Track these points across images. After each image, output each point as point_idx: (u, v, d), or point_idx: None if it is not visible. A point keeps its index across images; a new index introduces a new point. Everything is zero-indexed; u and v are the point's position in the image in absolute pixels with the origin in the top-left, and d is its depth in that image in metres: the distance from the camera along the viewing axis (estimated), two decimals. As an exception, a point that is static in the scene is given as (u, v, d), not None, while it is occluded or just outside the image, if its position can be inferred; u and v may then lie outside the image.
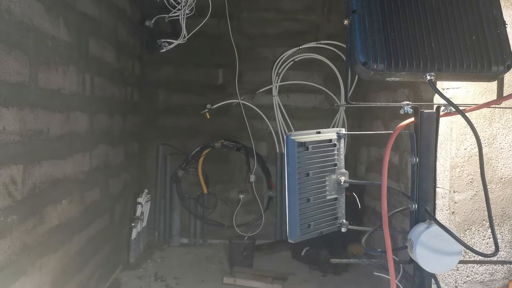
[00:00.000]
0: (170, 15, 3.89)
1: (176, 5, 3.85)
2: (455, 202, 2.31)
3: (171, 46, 3.92)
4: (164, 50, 3.93)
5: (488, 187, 2.30)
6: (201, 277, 3.56)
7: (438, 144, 2.22)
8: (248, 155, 4.41)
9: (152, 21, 4.03)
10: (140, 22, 4.07)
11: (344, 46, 1.32)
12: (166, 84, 4.40)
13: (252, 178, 4.38)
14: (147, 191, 4.08)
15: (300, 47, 4.41)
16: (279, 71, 4.44)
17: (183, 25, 3.86)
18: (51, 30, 2.25)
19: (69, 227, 2.51)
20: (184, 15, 3.86)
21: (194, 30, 3.95)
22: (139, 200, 3.91)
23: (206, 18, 4.02)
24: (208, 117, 4.33)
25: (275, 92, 4.42)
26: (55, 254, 2.33)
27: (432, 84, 1.14)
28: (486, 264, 2.31)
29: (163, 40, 3.92)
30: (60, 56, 2.36)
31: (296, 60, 4.43)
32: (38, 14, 2.11)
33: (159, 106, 4.39)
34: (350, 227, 1.35)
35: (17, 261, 1.95)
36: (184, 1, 3.83)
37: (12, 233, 1.90)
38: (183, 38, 3.90)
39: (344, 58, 1.30)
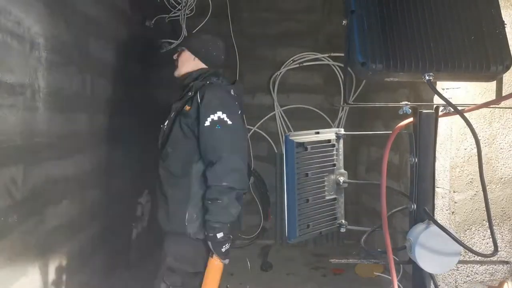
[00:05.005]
0: (170, 15, 3.89)
1: (176, 5, 3.85)
2: (455, 202, 2.31)
3: (172, 46, 3.92)
4: (164, 50, 3.93)
5: (488, 187, 2.31)
6: (201, 277, 3.56)
7: (438, 144, 2.22)
8: (249, 176, 4.36)
9: (152, 21, 4.03)
10: (140, 22, 4.07)
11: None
12: (166, 84, 4.40)
13: (252, 179, 4.37)
14: (147, 191, 4.08)
15: (311, 56, 4.38)
16: (280, 71, 4.44)
17: (184, 26, 3.86)
18: (52, 30, 2.25)
19: (70, 227, 2.51)
20: (184, 15, 3.86)
21: (195, 31, 3.95)
22: (140, 200, 3.91)
23: (207, 18, 4.02)
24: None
25: (275, 92, 4.42)
26: (56, 254, 2.33)
27: (431, 84, 1.14)
28: (486, 264, 2.31)
29: (163, 40, 3.92)
30: (60, 56, 2.37)
31: (295, 60, 4.43)
32: (38, 14, 2.11)
33: (159, 106, 4.39)
34: (349, 227, 1.35)
35: (17, 261, 1.95)
36: (184, 1, 3.83)
37: (13, 233, 1.90)
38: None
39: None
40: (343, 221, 1.34)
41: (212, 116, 2.16)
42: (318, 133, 1.28)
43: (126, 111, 3.72)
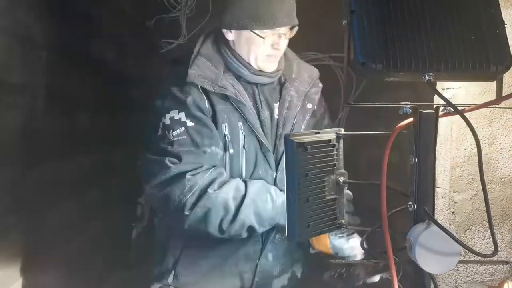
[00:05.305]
0: (170, 15, 3.88)
1: (176, 5, 3.84)
2: (455, 202, 2.31)
3: (172, 46, 3.91)
4: (164, 50, 3.92)
5: (488, 187, 2.30)
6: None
7: (438, 144, 2.22)
8: None
9: (152, 21, 4.03)
10: (140, 22, 4.07)
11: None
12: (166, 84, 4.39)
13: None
14: (147, 191, 4.08)
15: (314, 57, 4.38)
16: (280, 71, 4.44)
17: (183, 25, 3.85)
18: (52, 30, 2.26)
19: (70, 227, 2.51)
20: (184, 15, 3.85)
21: (195, 30, 3.94)
22: (140, 200, 3.91)
23: (207, 18, 4.01)
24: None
25: (275, 92, 4.42)
26: (56, 255, 2.34)
27: (431, 84, 1.14)
28: (486, 264, 2.31)
29: (163, 40, 3.92)
30: (60, 56, 2.37)
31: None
32: (39, 14, 2.11)
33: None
34: (349, 227, 1.35)
35: (17, 261, 1.95)
36: (184, 1, 3.82)
37: (12, 233, 1.90)
38: (184, 38, 3.89)
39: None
40: (343, 221, 1.34)
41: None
42: (318, 133, 1.28)
43: (127, 111, 3.72)
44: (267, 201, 1.70)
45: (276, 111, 1.82)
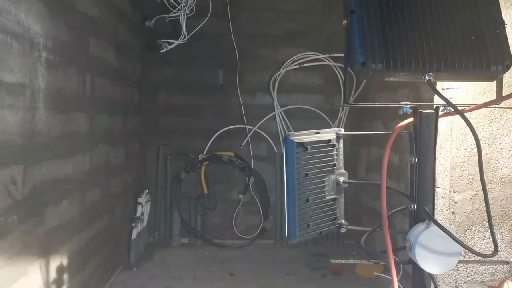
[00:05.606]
0: (170, 15, 3.89)
1: (176, 5, 3.85)
2: (455, 202, 2.31)
3: (171, 46, 3.92)
4: (164, 50, 3.93)
5: (488, 187, 2.31)
6: (201, 277, 3.56)
7: (438, 144, 2.22)
8: (249, 177, 4.37)
9: (152, 21, 4.03)
10: (140, 22, 4.07)
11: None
12: (166, 84, 4.40)
13: (252, 180, 4.37)
14: (147, 191, 4.09)
15: (312, 57, 4.38)
16: (280, 71, 4.44)
17: (183, 25, 3.86)
18: (52, 30, 2.25)
19: (70, 227, 2.51)
20: (184, 15, 3.85)
21: (195, 30, 3.95)
22: (140, 200, 3.91)
23: (207, 18, 4.02)
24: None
25: (275, 92, 4.42)
26: (56, 254, 2.34)
27: (431, 84, 1.14)
28: (486, 264, 2.31)
29: (163, 40, 3.92)
30: (60, 56, 2.37)
31: (296, 60, 4.43)
32: (39, 14, 2.11)
33: (160, 106, 4.39)
34: (349, 227, 1.35)
35: (18, 261, 1.95)
36: (184, 1, 3.83)
37: (13, 233, 1.90)
38: (184, 38, 3.89)
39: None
40: (343, 221, 1.34)
41: None
42: (318, 133, 1.28)
43: (126, 111, 3.72)
44: None
45: None
